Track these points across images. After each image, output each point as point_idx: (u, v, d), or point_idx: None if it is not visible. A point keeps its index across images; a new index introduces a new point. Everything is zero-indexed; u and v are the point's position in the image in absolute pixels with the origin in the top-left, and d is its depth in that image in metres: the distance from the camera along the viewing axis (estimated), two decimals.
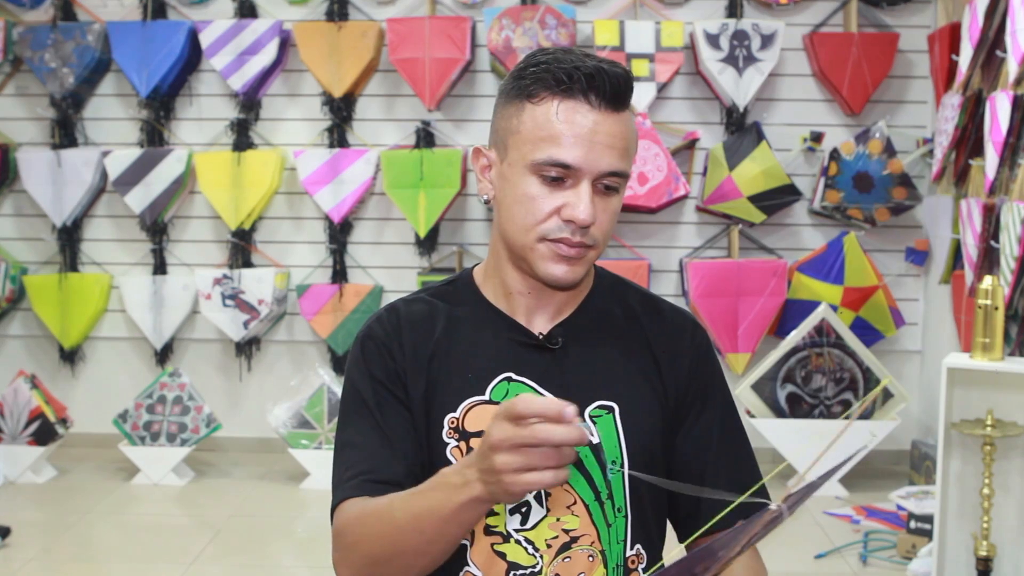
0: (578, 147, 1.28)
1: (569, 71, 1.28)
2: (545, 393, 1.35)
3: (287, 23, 4.83)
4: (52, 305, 4.92)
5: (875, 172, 4.57)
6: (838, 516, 4.11)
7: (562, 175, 1.30)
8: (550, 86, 1.29)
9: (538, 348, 1.39)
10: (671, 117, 4.83)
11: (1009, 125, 3.53)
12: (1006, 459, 2.96)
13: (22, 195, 4.98)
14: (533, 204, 1.31)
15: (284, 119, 4.95)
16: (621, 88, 1.29)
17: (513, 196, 1.33)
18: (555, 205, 1.30)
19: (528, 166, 1.30)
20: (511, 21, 4.61)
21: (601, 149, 1.29)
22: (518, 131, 1.32)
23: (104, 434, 4.81)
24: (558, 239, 1.31)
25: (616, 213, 1.36)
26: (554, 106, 1.29)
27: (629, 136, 1.32)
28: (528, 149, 1.30)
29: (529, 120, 1.31)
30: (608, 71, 1.28)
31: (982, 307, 2.87)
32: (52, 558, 3.74)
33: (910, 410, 4.66)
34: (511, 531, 1.34)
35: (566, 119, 1.28)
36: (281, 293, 4.84)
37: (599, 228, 1.32)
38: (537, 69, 1.31)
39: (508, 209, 1.34)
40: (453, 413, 1.35)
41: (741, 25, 4.62)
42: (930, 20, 4.77)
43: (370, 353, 1.39)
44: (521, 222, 1.32)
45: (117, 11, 4.92)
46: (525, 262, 1.35)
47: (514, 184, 1.33)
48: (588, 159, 1.28)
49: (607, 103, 1.29)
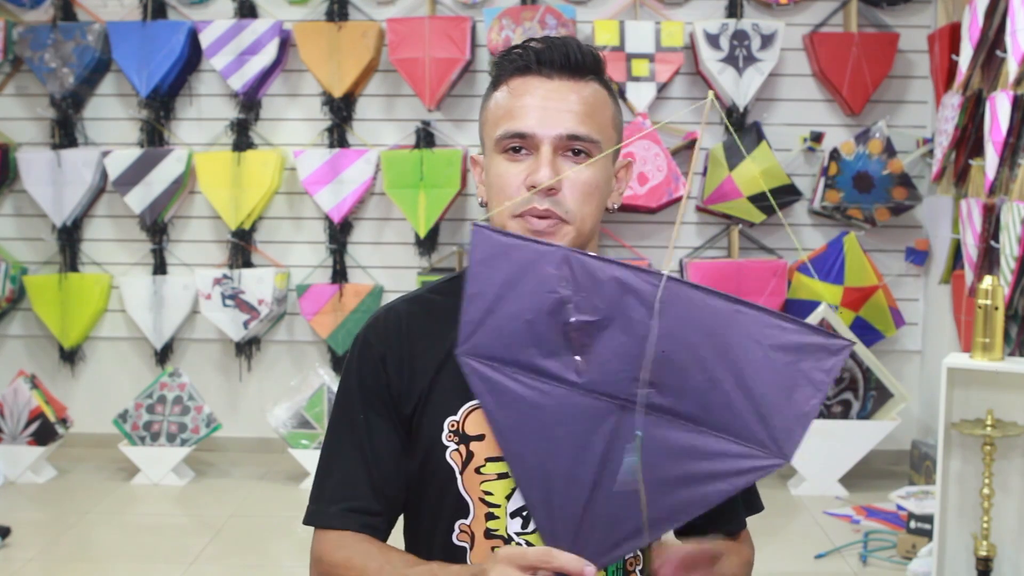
0: (531, 115, 1.30)
1: (520, 52, 1.33)
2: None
3: (287, 23, 4.83)
4: (52, 305, 4.92)
5: (875, 172, 4.56)
6: (838, 516, 4.11)
7: (521, 144, 1.31)
8: (506, 69, 1.34)
9: None
10: (671, 117, 4.83)
11: (1009, 125, 3.53)
12: (1006, 459, 2.96)
13: (22, 195, 4.98)
14: (502, 180, 1.32)
15: (284, 119, 4.96)
16: (574, 57, 1.32)
17: (491, 181, 1.35)
18: (521, 177, 1.30)
19: (494, 147, 1.33)
20: (511, 21, 4.61)
21: (556, 113, 1.30)
22: (486, 120, 1.36)
23: (104, 434, 4.81)
24: (525, 211, 1.29)
25: (590, 184, 1.31)
26: (515, 84, 1.33)
27: (594, 103, 1.33)
28: (491, 130, 1.34)
29: (491, 105, 1.35)
30: (558, 42, 1.32)
31: (982, 307, 2.87)
32: (52, 558, 3.74)
33: (910, 410, 4.66)
34: (512, 534, 1.34)
35: (519, 92, 1.32)
36: (281, 293, 4.84)
37: (569, 197, 1.30)
38: (498, 60, 1.37)
39: (489, 197, 1.36)
40: (453, 416, 1.34)
41: (741, 25, 4.62)
42: (930, 20, 4.77)
43: (364, 360, 1.38)
44: (496, 203, 1.33)
45: (117, 11, 4.92)
46: None
47: (490, 169, 1.35)
48: (542, 123, 1.29)
49: (560, 72, 1.31)
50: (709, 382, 1.05)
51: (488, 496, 1.32)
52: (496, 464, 1.32)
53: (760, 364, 1.04)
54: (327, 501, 1.36)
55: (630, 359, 1.07)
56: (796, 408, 1.03)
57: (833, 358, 1.03)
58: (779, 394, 1.03)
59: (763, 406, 1.04)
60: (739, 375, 1.04)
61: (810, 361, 1.03)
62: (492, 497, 1.32)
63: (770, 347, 1.04)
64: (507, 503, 1.32)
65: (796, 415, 1.03)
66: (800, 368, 1.03)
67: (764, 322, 1.04)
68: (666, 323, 1.06)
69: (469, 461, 1.33)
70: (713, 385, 1.05)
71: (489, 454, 1.32)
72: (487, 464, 1.32)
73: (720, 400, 1.05)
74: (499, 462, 1.32)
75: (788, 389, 1.04)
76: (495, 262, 1.13)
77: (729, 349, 1.05)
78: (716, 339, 1.05)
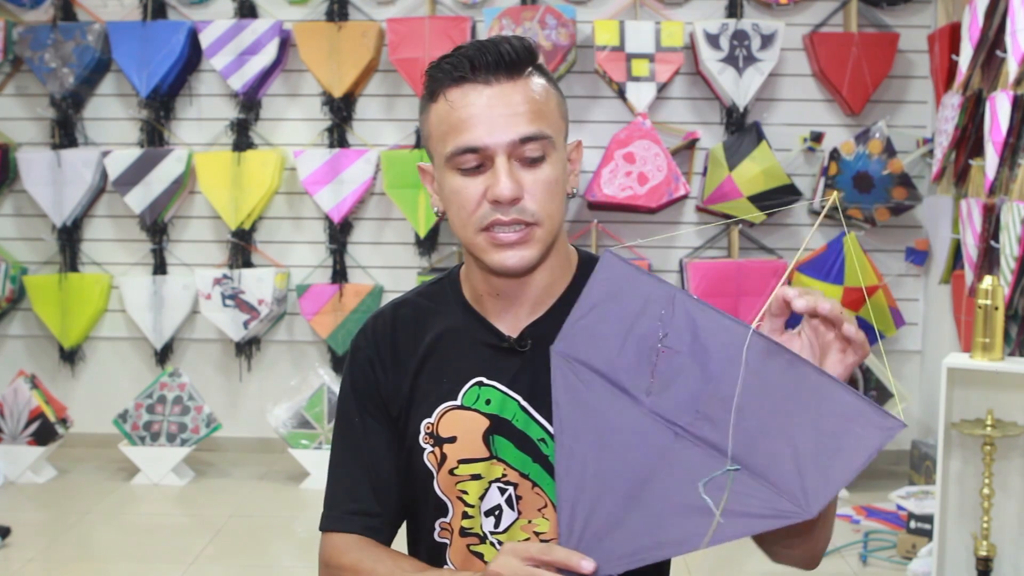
0: (478, 126, 1.25)
1: (452, 60, 1.28)
2: (515, 396, 1.34)
3: (287, 23, 4.83)
4: (52, 305, 4.92)
5: (875, 172, 4.56)
6: (838, 516, 4.11)
7: (477, 160, 1.27)
8: (441, 82, 1.29)
9: (508, 351, 1.36)
10: (671, 117, 4.83)
11: (1009, 125, 3.53)
12: (1006, 459, 2.96)
13: (22, 195, 4.98)
14: (460, 197, 1.29)
15: (284, 119, 4.96)
16: (507, 55, 1.27)
17: (447, 198, 1.32)
18: (480, 191, 1.27)
19: (445, 163, 1.29)
20: (511, 21, 4.61)
21: (503, 119, 1.25)
22: (430, 134, 1.32)
23: (104, 434, 4.81)
24: (490, 224, 1.27)
25: (551, 182, 1.29)
26: (454, 96, 1.27)
27: (539, 98, 1.28)
28: (440, 148, 1.30)
29: (434, 119, 1.30)
30: (489, 44, 1.27)
31: (982, 307, 2.88)
32: (52, 558, 3.74)
33: (910, 410, 4.66)
34: (487, 532, 1.36)
35: (459, 104, 1.27)
36: (281, 293, 4.84)
37: (533, 201, 1.27)
38: (430, 71, 1.31)
39: (449, 212, 1.33)
40: (429, 418, 1.36)
41: (741, 25, 4.62)
42: (930, 20, 4.77)
43: (356, 366, 1.43)
44: (458, 220, 1.31)
45: (117, 11, 4.92)
46: (479, 260, 1.33)
47: (443, 185, 1.32)
48: (492, 133, 1.25)
49: (496, 73, 1.26)
50: (760, 430, 1.10)
51: (464, 496, 1.34)
52: (468, 465, 1.34)
53: (810, 424, 1.08)
54: (334, 506, 1.41)
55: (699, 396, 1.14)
56: (832, 472, 1.07)
57: (881, 435, 1.07)
58: (820, 455, 1.08)
59: (803, 461, 1.08)
60: (788, 429, 1.09)
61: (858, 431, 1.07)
62: (467, 496, 1.34)
63: (827, 411, 1.08)
64: (480, 503, 1.34)
65: (829, 479, 1.08)
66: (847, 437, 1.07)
67: (824, 385, 1.08)
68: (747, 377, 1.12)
69: (443, 463, 1.35)
70: (764, 434, 1.10)
71: (461, 456, 1.34)
72: (460, 466, 1.34)
73: (766, 448, 1.10)
74: (471, 463, 1.33)
75: (830, 453, 1.08)
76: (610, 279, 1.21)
77: (787, 404, 1.10)
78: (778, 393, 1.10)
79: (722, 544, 1.12)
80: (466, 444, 1.34)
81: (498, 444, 1.34)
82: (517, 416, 1.34)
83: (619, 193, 4.52)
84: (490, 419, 1.34)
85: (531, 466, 1.34)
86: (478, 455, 1.34)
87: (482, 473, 1.34)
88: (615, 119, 4.79)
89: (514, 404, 1.34)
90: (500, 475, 1.34)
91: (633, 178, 4.51)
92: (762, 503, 1.09)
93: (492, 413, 1.34)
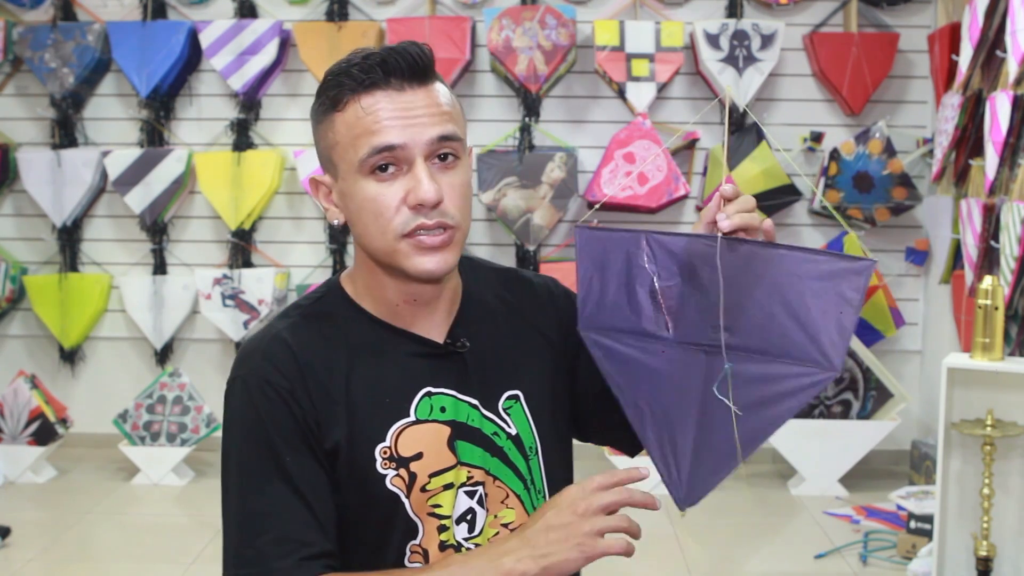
0: (394, 126, 1.24)
1: (362, 67, 1.25)
2: (466, 399, 1.34)
3: (287, 23, 4.83)
4: (52, 305, 4.92)
5: (875, 172, 4.57)
6: (838, 516, 4.11)
7: (390, 160, 1.25)
8: (351, 88, 1.26)
9: (445, 355, 1.35)
10: (671, 117, 4.83)
11: (1009, 125, 3.53)
12: (1006, 459, 2.96)
13: (22, 195, 4.98)
14: (376, 204, 1.26)
15: (284, 119, 4.96)
16: (418, 61, 1.26)
17: (358, 207, 1.28)
18: (399, 197, 1.25)
19: (357, 169, 1.26)
20: (511, 21, 4.61)
21: (420, 120, 1.25)
22: (336, 143, 1.28)
23: (104, 434, 4.81)
24: (414, 229, 1.26)
25: (466, 185, 1.30)
26: (366, 102, 1.25)
27: (448, 103, 1.28)
28: (351, 153, 1.26)
29: (342, 127, 1.27)
30: (399, 49, 1.26)
31: (982, 307, 2.88)
32: (52, 558, 3.74)
33: (910, 410, 4.66)
34: (461, 540, 1.34)
35: (373, 109, 1.25)
36: (281, 293, 4.84)
37: (452, 204, 1.27)
38: (333, 79, 1.28)
39: (360, 222, 1.29)
40: (383, 443, 1.29)
41: (741, 25, 4.62)
42: (930, 20, 4.77)
43: (268, 400, 1.27)
44: (375, 228, 1.27)
45: (117, 11, 4.92)
46: (396, 268, 1.30)
47: (353, 195, 1.28)
48: (409, 133, 1.24)
49: (409, 80, 1.26)
50: (766, 317, 1.23)
51: (437, 509, 1.32)
52: (440, 476, 1.31)
53: (803, 294, 1.21)
54: (271, 559, 1.24)
55: (707, 310, 1.26)
56: (838, 325, 1.20)
57: (860, 277, 1.19)
58: (822, 316, 1.20)
59: (811, 328, 1.21)
60: (788, 306, 1.22)
61: (843, 283, 1.20)
62: (441, 509, 1.32)
63: (809, 278, 1.21)
64: (453, 511, 1.33)
65: (839, 331, 1.20)
66: (836, 291, 1.20)
67: (801, 258, 1.22)
68: (726, 275, 1.24)
69: (413, 483, 1.30)
70: (770, 319, 1.23)
71: (431, 469, 1.31)
72: (431, 480, 1.31)
73: (777, 331, 1.23)
74: (443, 474, 1.31)
75: (829, 310, 1.20)
76: (591, 251, 1.34)
77: (777, 286, 1.22)
78: (766, 280, 1.23)
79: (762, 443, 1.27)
80: (433, 457, 1.31)
81: (461, 449, 1.33)
82: (471, 416, 1.34)
83: (619, 193, 4.52)
84: (450, 426, 1.32)
85: (491, 461, 1.35)
86: (446, 464, 1.32)
87: (452, 481, 1.32)
88: (615, 119, 4.80)
89: (466, 405, 1.34)
90: (466, 478, 1.33)
91: (633, 178, 4.51)
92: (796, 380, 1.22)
93: (450, 419, 1.33)
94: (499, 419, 1.36)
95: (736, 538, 3.86)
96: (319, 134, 1.31)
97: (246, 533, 1.27)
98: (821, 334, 1.20)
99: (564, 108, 4.87)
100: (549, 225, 4.67)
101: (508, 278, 1.49)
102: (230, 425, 1.31)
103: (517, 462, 1.38)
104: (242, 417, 1.30)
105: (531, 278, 1.51)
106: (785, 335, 1.22)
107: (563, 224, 4.81)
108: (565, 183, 4.62)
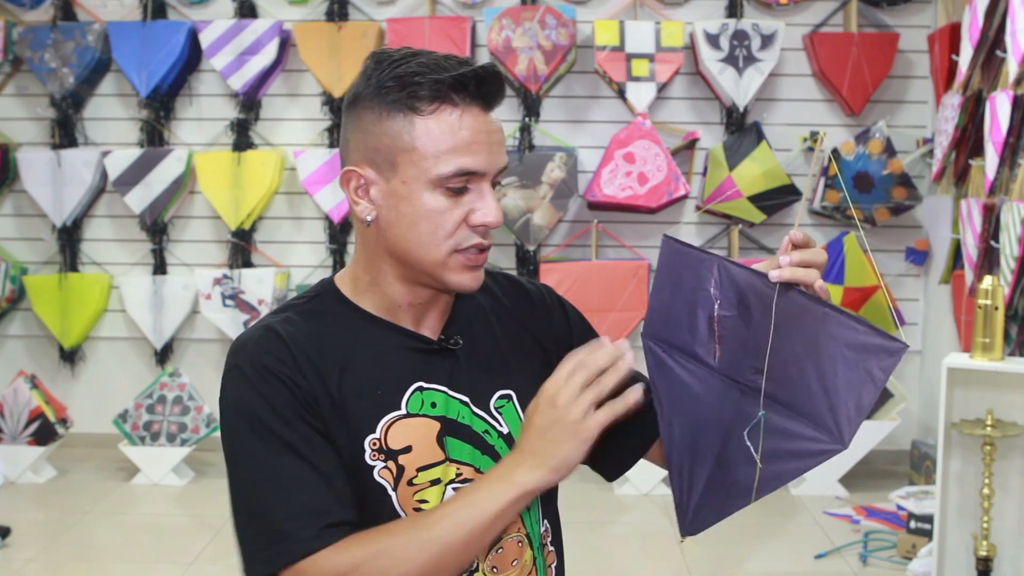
0: (481, 152, 1.27)
1: (460, 79, 1.25)
2: (457, 396, 1.35)
3: (287, 23, 4.83)
4: (52, 305, 4.92)
5: (875, 172, 4.57)
6: (838, 516, 4.11)
7: (469, 182, 1.27)
8: (443, 95, 1.25)
9: (438, 352, 1.36)
10: (671, 117, 4.83)
11: (1009, 125, 3.53)
12: (1006, 459, 2.96)
13: (22, 195, 4.98)
14: (441, 218, 1.27)
15: (284, 119, 4.96)
16: (501, 88, 1.30)
17: (415, 213, 1.27)
18: (462, 214, 1.28)
19: (431, 181, 1.26)
20: (511, 21, 4.61)
21: (496, 148, 1.29)
22: (413, 147, 1.26)
23: (104, 434, 4.81)
24: (470, 247, 1.29)
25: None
26: (454, 116, 1.25)
27: (502, 129, 1.35)
28: (430, 164, 1.25)
29: (424, 135, 1.25)
30: (490, 71, 1.27)
31: (982, 307, 2.88)
32: (52, 558, 3.74)
33: (910, 410, 4.66)
34: None
35: (467, 126, 1.26)
36: (281, 293, 4.84)
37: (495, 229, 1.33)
38: (420, 79, 1.25)
39: (411, 228, 1.28)
40: (373, 434, 1.29)
41: (741, 25, 4.62)
42: (930, 20, 4.77)
43: (267, 384, 1.26)
44: (429, 238, 1.28)
45: (117, 11, 4.92)
46: (430, 276, 1.31)
47: (413, 201, 1.27)
48: (490, 161, 1.28)
49: (492, 102, 1.29)
50: (798, 372, 1.22)
51: (423, 504, 1.31)
52: (428, 472, 1.31)
53: (836, 359, 1.20)
54: (291, 534, 1.22)
55: (749, 349, 1.26)
56: (857, 402, 1.19)
57: (892, 358, 1.19)
58: (846, 387, 1.19)
59: (833, 396, 1.19)
60: (819, 367, 1.20)
61: (873, 361, 1.19)
62: (427, 505, 1.31)
63: (844, 345, 1.19)
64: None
65: (856, 408, 1.19)
66: (865, 366, 1.19)
67: (842, 323, 1.20)
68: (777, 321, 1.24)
69: (401, 475, 1.30)
70: (800, 375, 1.21)
71: (420, 463, 1.31)
72: (419, 474, 1.31)
73: (804, 389, 1.21)
74: (430, 469, 1.31)
75: (854, 383, 1.19)
76: (671, 264, 1.36)
77: (815, 344, 1.20)
78: (807, 335, 1.21)
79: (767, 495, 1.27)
80: (422, 451, 1.31)
81: (450, 445, 1.33)
82: (462, 413, 1.35)
83: (619, 193, 4.52)
84: (440, 421, 1.33)
85: (481, 459, 1.35)
86: (434, 459, 1.32)
87: (440, 477, 1.32)
88: (615, 119, 4.80)
89: (457, 402, 1.35)
90: (455, 475, 1.33)
91: (633, 178, 4.51)
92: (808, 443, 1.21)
93: (440, 415, 1.33)
94: (490, 417, 1.37)
95: (736, 538, 3.86)
96: (377, 128, 1.28)
97: (262, 514, 1.25)
98: (840, 405, 1.19)
99: (564, 108, 4.87)
100: (549, 225, 4.67)
101: (504, 282, 1.51)
102: (231, 413, 1.29)
103: None
104: (243, 402, 1.28)
105: (526, 284, 1.52)
106: (810, 396, 1.21)
107: (563, 224, 4.81)
108: (565, 183, 4.62)
